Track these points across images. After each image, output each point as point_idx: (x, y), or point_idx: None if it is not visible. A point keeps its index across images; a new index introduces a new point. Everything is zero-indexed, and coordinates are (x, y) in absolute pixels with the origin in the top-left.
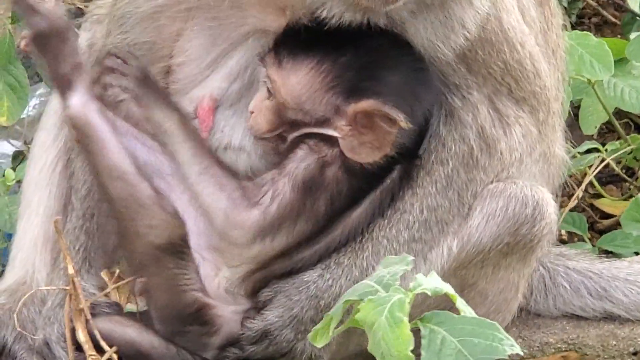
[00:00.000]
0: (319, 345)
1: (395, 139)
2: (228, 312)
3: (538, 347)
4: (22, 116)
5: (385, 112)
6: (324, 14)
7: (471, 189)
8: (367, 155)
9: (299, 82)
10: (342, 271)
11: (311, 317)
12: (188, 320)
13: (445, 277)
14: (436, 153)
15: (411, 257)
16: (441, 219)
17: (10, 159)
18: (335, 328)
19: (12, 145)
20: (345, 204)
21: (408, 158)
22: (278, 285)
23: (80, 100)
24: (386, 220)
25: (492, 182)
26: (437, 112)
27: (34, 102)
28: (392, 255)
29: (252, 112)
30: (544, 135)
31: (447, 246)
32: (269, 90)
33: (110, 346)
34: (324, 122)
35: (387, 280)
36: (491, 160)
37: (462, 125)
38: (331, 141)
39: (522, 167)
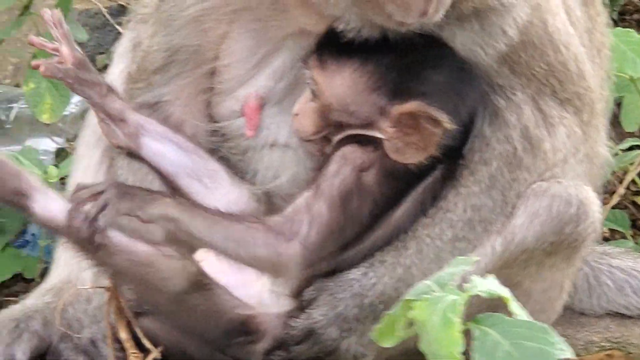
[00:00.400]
0: (385, 345)
1: (440, 139)
2: (272, 317)
3: (582, 345)
4: (64, 113)
5: (429, 113)
6: (341, 27)
7: (515, 189)
8: (412, 156)
9: (343, 83)
10: (386, 269)
11: (355, 315)
12: (232, 335)
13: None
14: (480, 153)
15: (475, 258)
16: (485, 218)
17: (53, 156)
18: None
19: (55, 142)
20: (388, 203)
21: (452, 157)
22: (322, 284)
23: (44, 207)
24: (430, 219)
25: (535, 181)
26: (481, 112)
27: (76, 99)
28: (434, 253)
29: (296, 115)
30: (588, 136)
31: (491, 245)
32: (313, 93)
33: (156, 346)
34: (368, 123)
35: (444, 280)
36: (535, 160)
37: (506, 125)
38: (372, 144)
39: (566, 167)
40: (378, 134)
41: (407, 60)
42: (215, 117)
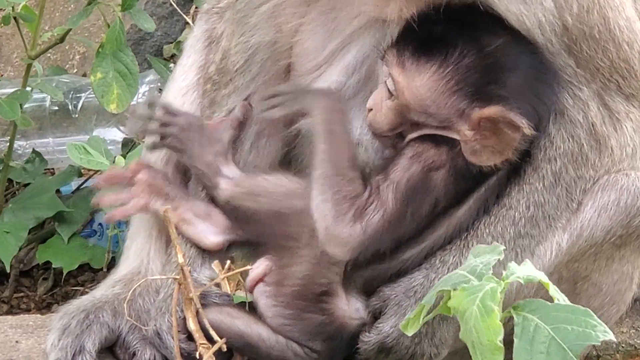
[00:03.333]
0: (409, 333)
1: (518, 144)
2: (344, 304)
3: None
4: (131, 103)
5: (510, 118)
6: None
7: (580, 185)
8: (489, 159)
9: (424, 85)
10: (447, 270)
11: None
12: (310, 307)
13: (557, 270)
14: (544, 151)
15: (502, 247)
16: (548, 214)
17: (120, 146)
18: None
19: (122, 132)
20: (451, 203)
21: (519, 156)
22: (387, 293)
23: (229, 182)
24: (492, 217)
25: (602, 176)
26: None
27: (143, 89)
28: None
29: (370, 109)
30: None
31: (557, 241)
32: (389, 91)
33: (220, 337)
34: (446, 125)
35: (481, 270)
36: (601, 156)
37: (572, 124)
38: (447, 143)
39: (633, 162)
40: (455, 136)
41: (487, 62)
42: None
